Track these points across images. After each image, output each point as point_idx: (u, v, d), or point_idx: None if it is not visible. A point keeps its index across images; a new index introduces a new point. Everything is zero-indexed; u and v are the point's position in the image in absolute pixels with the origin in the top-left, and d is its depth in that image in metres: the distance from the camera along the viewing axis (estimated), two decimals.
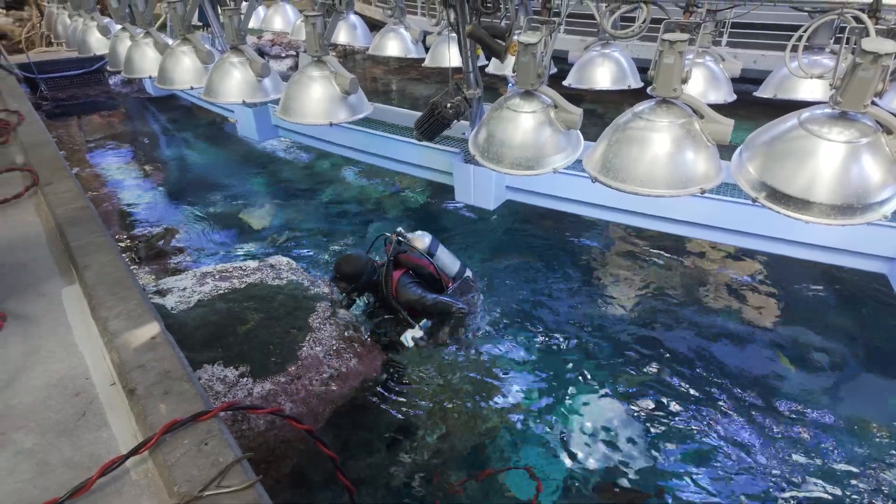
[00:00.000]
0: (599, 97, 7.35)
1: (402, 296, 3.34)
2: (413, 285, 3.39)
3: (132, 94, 9.41)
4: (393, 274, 3.38)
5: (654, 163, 2.13)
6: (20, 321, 2.15)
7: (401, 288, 3.34)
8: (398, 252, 3.46)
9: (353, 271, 3.31)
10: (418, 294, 3.34)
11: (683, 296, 4.15)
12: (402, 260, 3.47)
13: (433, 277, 3.52)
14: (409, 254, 3.47)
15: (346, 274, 3.32)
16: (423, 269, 3.49)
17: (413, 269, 3.48)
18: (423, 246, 3.53)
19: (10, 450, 1.60)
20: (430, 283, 3.53)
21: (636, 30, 2.41)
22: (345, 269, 3.32)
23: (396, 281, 3.36)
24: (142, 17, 4.80)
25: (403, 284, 3.36)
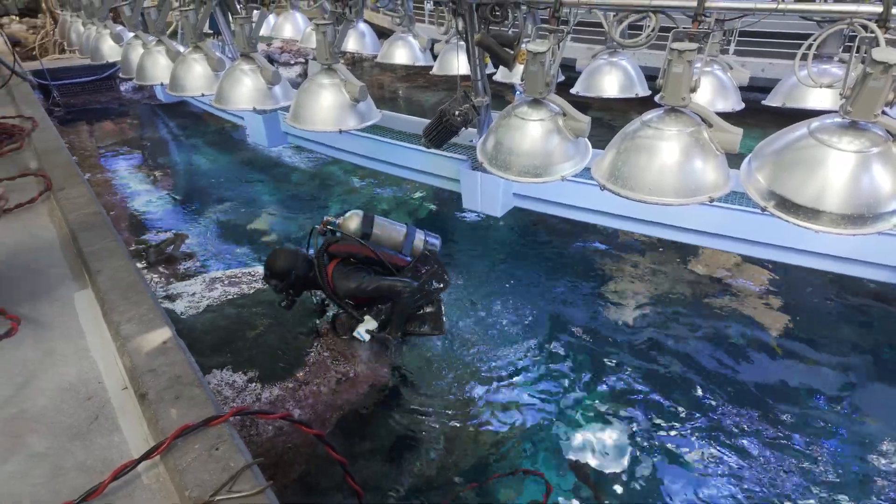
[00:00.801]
0: (607, 105, 7.35)
1: (341, 287, 3.08)
2: (350, 272, 3.12)
3: (143, 100, 9.52)
4: (328, 266, 3.15)
5: (663, 171, 2.14)
6: (34, 325, 2.18)
7: (337, 279, 3.09)
8: (329, 242, 3.19)
9: (283, 267, 3.08)
10: (356, 281, 3.07)
11: (691, 304, 4.13)
12: (332, 251, 3.20)
13: (374, 260, 3.21)
14: (339, 243, 3.21)
15: (275, 271, 3.09)
16: (360, 255, 3.19)
17: (348, 257, 3.20)
18: (355, 227, 3.24)
19: (23, 453, 1.62)
20: (375, 265, 3.24)
21: (644, 39, 2.42)
22: (273, 266, 3.10)
23: (331, 273, 3.12)
24: (154, 25, 4.86)
25: (339, 274, 3.10)
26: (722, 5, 2.25)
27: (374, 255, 3.16)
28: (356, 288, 3.05)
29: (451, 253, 4.83)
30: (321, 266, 3.11)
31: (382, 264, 3.19)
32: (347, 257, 3.17)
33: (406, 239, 3.36)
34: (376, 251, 3.17)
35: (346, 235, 3.19)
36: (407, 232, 3.37)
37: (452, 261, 4.70)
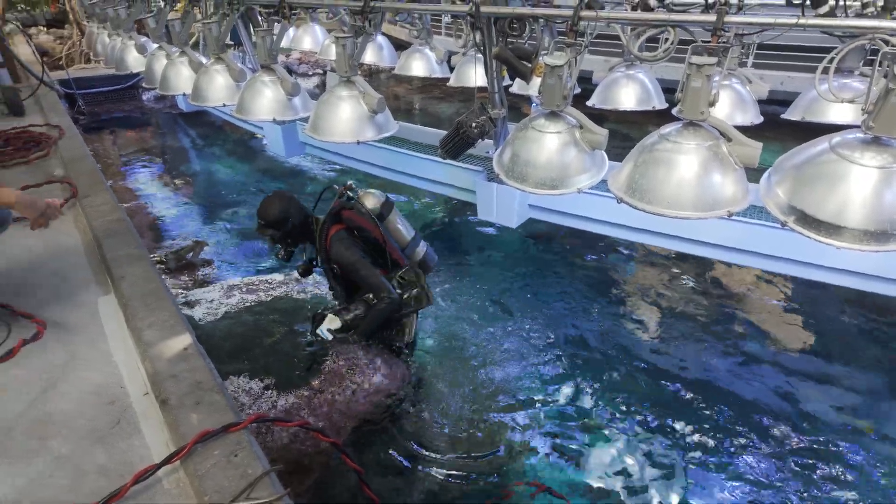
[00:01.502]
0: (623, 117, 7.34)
1: (336, 252, 2.87)
2: (353, 244, 2.93)
3: (164, 109, 9.72)
4: (331, 227, 2.96)
5: (681, 184, 2.13)
6: (59, 330, 2.23)
7: (336, 243, 2.88)
8: (343, 206, 3.00)
9: (278, 214, 2.83)
10: (355, 255, 2.88)
11: (708, 319, 4.09)
12: (344, 216, 3.01)
13: (377, 245, 3.05)
14: (354, 210, 3.02)
15: (270, 219, 2.82)
16: (367, 232, 3.01)
17: (355, 229, 3.02)
18: (373, 205, 3.08)
19: (47, 456, 1.66)
20: (374, 253, 3.08)
21: (663, 53, 2.42)
22: (267, 214, 2.83)
23: (332, 235, 2.92)
24: (178, 36, 4.97)
25: (341, 240, 2.90)
26: (741, 20, 2.25)
27: (381, 239, 3.01)
28: (351, 261, 2.85)
29: (465, 263, 4.85)
30: (327, 225, 2.94)
31: (383, 254, 3.05)
32: (353, 230, 3.02)
33: (410, 242, 3.28)
34: (385, 237, 3.03)
35: (363, 208, 3.03)
36: (414, 237, 3.32)
37: (466, 271, 4.72)
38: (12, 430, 1.74)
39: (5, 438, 1.71)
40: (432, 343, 3.76)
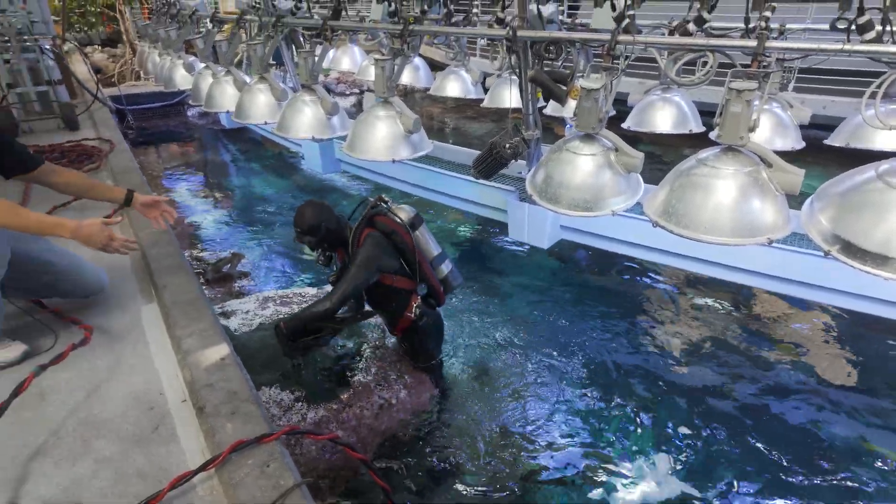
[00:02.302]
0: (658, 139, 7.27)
1: (363, 251, 2.89)
2: (381, 249, 2.94)
3: (207, 125, 10.10)
4: (364, 230, 3.00)
5: (719, 210, 2.10)
6: (105, 335, 2.32)
7: (367, 239, 2.94)
8: (378, 212, 3.07)
9: (313, 221, 2.89)
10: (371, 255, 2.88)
11: (746, 348, 3.97)
12: (376, 221, 3.06)
13: (407, 251, 3.07)
14: (387, 216, 3.06)
15: (305, 227, 2.89)
16: (398, 237, 3.04)
17: (388, 233, 3.04)
18: (406, 216, 3.13)
19: (91, 457, 1.72)
20: (403, 260, 3.09)
21: (702, 77, 2.41)
22: (301, 221, 2.90)
23: (364, 236, 2.96)
24: (224, 56, 5.19)
25: (372, 237, 2.94)
26: (784, 45, 2.23)
27: (410, 245, 3.05)
28: (361, 255, 2.86)
29: (495, 283, 4.84)
30: (360, 228, 2.99)
31: (410, 263, 3.07)
32: (386, 234, 3.05)
33: (436, 258, 3.28)
34: (416, 244, 3.06)
35: (396, 216, 3.07)
36: (440, 253, 3.32)
37: (496, 291, 4.71)
38: (60, 431, 1.82)
39: (54, 439, 1.78)
40: (459, 362, 3.75)
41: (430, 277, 3.17)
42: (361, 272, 2.82)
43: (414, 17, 3.70)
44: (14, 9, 5.32)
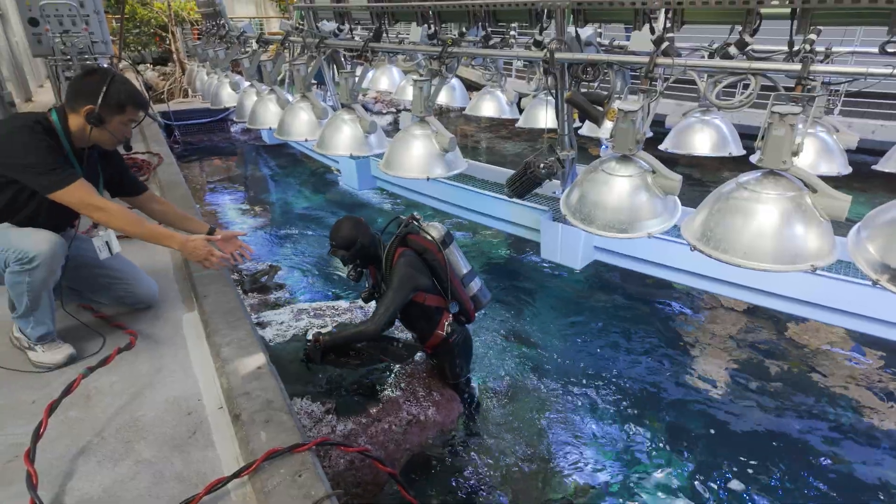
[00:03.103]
0: (696, 161, 7.17)
1: (397, 267, 2.92)
2: (416, 268, 2.95)
3: (249, 141, 10.46)
4: (397, 249, 3.02)
5: (760, 235, 2.06)
6: (148, 341, 2.41)
7: (401, 259, 2.95)
8: (410, 231, 3.09)
9: (348, 236, 2.92)
10: (407, 276, 2.89)
11: (787, 380, 3.82)
12: (409, 240, 3.07)
13: (439, 269, 3.07)
14: (419, 235, 3.08)
15: (340, 241, 2.93)
16: (431, 255, 3.04)
17: (420, 252, 3.05)
18: (437, 235, 3.14)
19: (132, 458, 1.78)
20: (434, 278, 3.09)
21: (745, 100, 2.38)
22: (336, 235, 2.95)
23: (398, 255, 2.98)
24: (268, 75, 5.40)
25: (405, 256, 2.95)
26: (830, 70, 2.19)
27: (442, 262, 3.06)
28: (398, 277, 2.88)
29: (526, 303, 4.81)
30: (393, 247, 3.02)
31: (442, 281, 3.09)
32: (418, 253, 3.07)
33: (466, 276, 3.28)
34: (447, 262, 3.07)
35: (427, 234, 3.10)
36: (469, 271, 3.32)
37: (527, 311, 4.68)
38: (103, 431, 1.90)
39: (98, 439, 1.86)
40: (488, 381, 3.73)
41: (461, 295, 3.19)
42: (399, 293, 2.86)
43: (452, 39, 3.79)
44: (77, 30, 5.66)
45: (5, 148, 2.00)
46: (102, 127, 2.14)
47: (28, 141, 2.00)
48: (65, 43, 5.47)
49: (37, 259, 2.03)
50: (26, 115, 2.15)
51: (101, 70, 2.20)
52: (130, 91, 2.18)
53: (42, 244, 2.05)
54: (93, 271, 2.45)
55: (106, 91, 2.09)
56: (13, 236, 2.07)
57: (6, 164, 2.01)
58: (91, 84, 2.11)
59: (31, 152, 2.00)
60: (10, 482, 1.68)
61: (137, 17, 14.61)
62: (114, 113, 2.14)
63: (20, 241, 2.04)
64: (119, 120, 2.17)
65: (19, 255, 2.02)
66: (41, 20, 5.44)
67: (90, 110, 2.10)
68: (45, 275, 2.08)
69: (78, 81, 2.17)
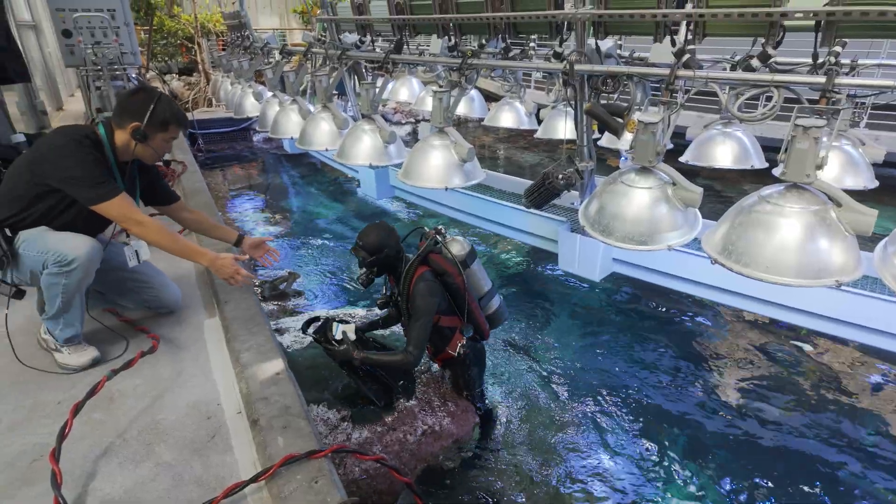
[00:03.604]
0: (717, 173, 7.09)
1: (417, 291, 2.86)
2: (435, 293, 2.89)
3: (271, 150, 10.63)
4: (418, 268, 2.95)
5: (783, 249, 2.03)
6: (170, 345, 2.46)
7: (420, 282, 2.88)
8: (432, 250, 3.03)
9: (377, 242, 2.89)
10: (428, 306, 2.83)
11: (809, 397, 3.73)
12: (430, 259, 3.01)
13: (458, 292, 3.02)
14: (441, 255, 3.03)
15: (367, 243, 2.90)
16: (450, 278, 2.99)
17: (439, 273, 3.00)
18: (458, 252, 3.06)
19: (153, 460, 1.81)
20: (452, 300, 3.04)
21: (767, 112, 2.35)
22: (366, 237, 2.92)
23: (418, 275, 2.91)
24: (291, 86, 5.49)
25: (425, 280, 2.89)
26: (855, 82, 2.16)
27: (462, 288, 2.99)
28: (420, 306, 2.83)
29: (543, 314, 4.79)
30: (414, 265, 2.96)
31: (461, 305, 3.03)
32: (438, 274, 3.01)
33: (487, 294, 3.24)
34: (466, 286, 3.01)
35: (449, 253, 3.03)
36: (490, 289, 3.27)
37: (543, 323, 4.65)
38: (125, 433, 1.93)
39: (120, 441, 1.89)
40: (503, 392, 3.71)
41: (477, 317, 3.15)
42: (425, 322, 2.84)
43: (472, 51, 3.82)
44: (108, 41, 5.84)
45: (55, 160, 2.11)
46: (146, 143, 2.26)
47: (77, 154, 2.11)
48: (96, 54, 5.65)
49: (75, 262, 2.11)
50: (75, 128, 2.26)
51: (148, 89, 2.33)
52: (174, 111, 2.31)
53: (81, 248, 2.14)
54: (121, 275, 2.52)
55: (153, 110, 2.22)
56: (52, 239, 2.15)
57: (55, 175, 2.11)
58: (138, 103, 2.23)
59: (80, 165, 2.11)
60: (35, 481, 1.72)
61: (165, 29, 15.01)
62: (157, 130, 2.27)
63: (60, 245, 2.13)
64: (162, 137, 2.30)
65: (58, 258, 2.09)
66: (74, 32, 5.63)
67: (136, 127, 2.22)
68: (81, 277, 2.16)
69: (126, 99, 2.29)
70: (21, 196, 2.15)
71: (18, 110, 7.34)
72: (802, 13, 2.22)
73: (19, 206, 2.15)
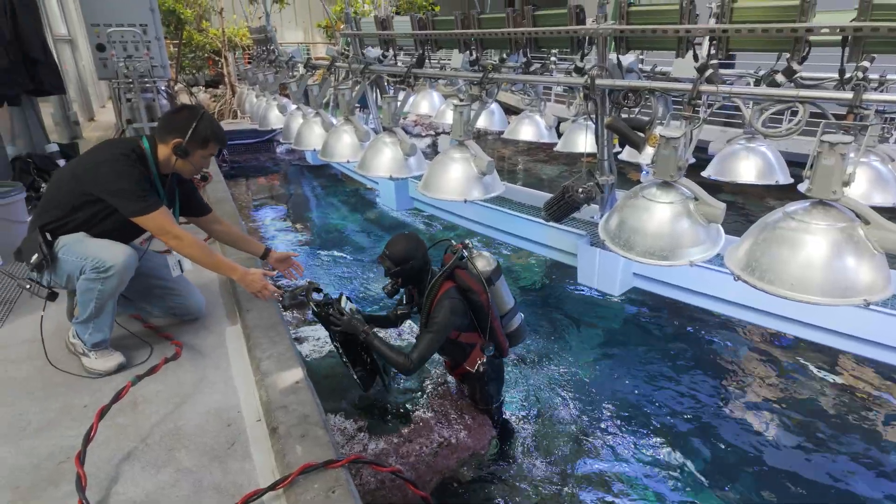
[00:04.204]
0: (741, 189, 7.00)
1: (440, 305, 2.83)
2: (458, 311, 2.85)
3: (293, 161, 10.80)
4: (444, 283, 2.90)
5: (808, 267, 1.99)
6: (193, 352, 2.50)
7: (445, 298, 2.84)
8: (459, 265, 2.97)
9: (404, 253, 2.86)
10: (447, 321, 2.79)
11: (837, 419, 3.62)
12: (457, 275, 2.95)
13: (482, 310, 2.97)
14: (467, 272, 2.97)
15: (394, 253, 2.86)
16: (475, 295, 2.93)
17: (464, 289, 2.94)
18: (483, 267, 2.99)
19: (174, 466, 1.84)
20: (475, 316, 3.00)
21: (793, 128, 2.32)
22: (394, 247, 2.88)
23: (444, 290, 2.87)
24: (315, 99, 5.60)
25: (450, 296, 2.84)
26: (884, 98, 2.12)
27: (486, 306, 2.94)
28: (438, 319, 2.79)
29: (561, 329, 4.75)
30: (440, 280, 2.90)
31: (483, 323, 2.98)
32: (463, 290, 2.95)
33: (509, 311, 3.19)
34: (490, 304, 2.95)
35: (475, 269, 2.98)
36: (513, 307, 3.22)
37: (562, 337, 4.62)
38: (148, 438, 1.97)
39: (142, 446, 1.93)
40: (520, 407, 3.68)
41: (497, 336, 3.10)
42: (438, 337, 2.81)
43: (493, 65, 3.86)
44: (139, 55, 6.03)
45: (103, 172, 2.22)
46: (187, 159, 2.36)
47: (123, 168, 2.22)
48: (128, 67, 5.83)
49: (112, 269, 2.18)
50: (122, 142, 2.37)
51: (191, 108, 2.46)
52: (215, 128, 2.42)
53: (119, 256, 2.22)
54: (150, 282, 2.59)
55: (195, 128, 2.33)
56: (91, 246, 2.24)
57: (101, 186, 2.21)
58: (182, 120, 2.35)
59: (125, 178, 2.21)
60: (60, 482, 1.76)
61: (194, 43, 15.42)
62: (198, 147, 2.37)
63: (98, 251, 2.21)
64: (201, 153, 2.41)
65: (96, 264, 2.17)
66: (108, 46, 5.82)
67: (178, 143, 2.32)
68: (116, 284, 2.24)
69: (170, 116, 2.41)
70: (64, 203, 2.25)
71: (53, 121, 7.61)
72: (829, 29, 2.20)
73: (61, 212, 2.25)
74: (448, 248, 3.08)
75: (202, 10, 15.07)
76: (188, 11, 14.28)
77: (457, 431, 3.18)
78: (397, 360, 2.74)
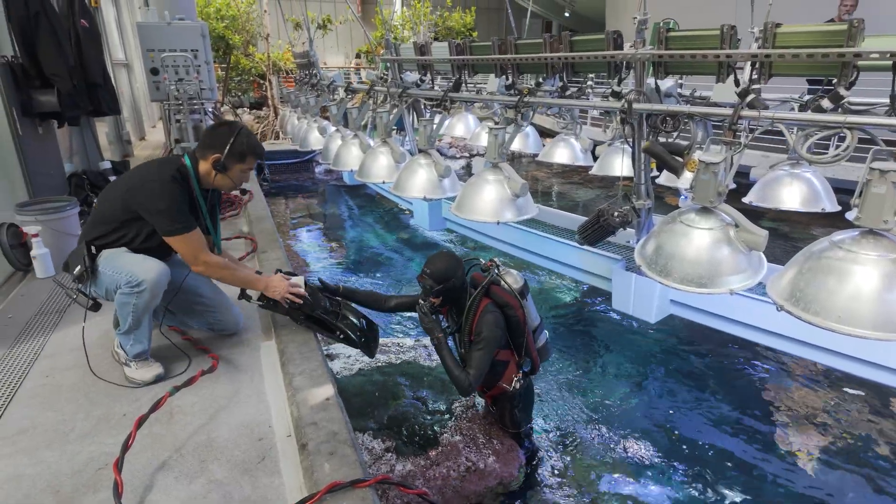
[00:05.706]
0: (784, 216, 6.76)
1: (484, 321, 2.82)
2: (501, 326, 2.86)
3: (331, 181, 11.06)
4: (482, 300, 2.90)
5: (857, 298, 1.91)
6: (228, 365, 2.56)
7: (487, 314, 2.83)
8: (492, 282, 2.96)
9: (445, 271, 2.82)
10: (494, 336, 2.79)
11: (882, 461, 3.40)
12: (492, 292, 2.96)
13: (517, 325, 2.96)
14: (501, 287, 2.98)
15: (435, 271, 2.82)
16: (511, 310, 2.93)
17: (501, 305, 2.93)
18: (516, 284, 2.99)
19: (206, 477, 1.87)
20: (509, 333, 2.98)
21: (841, 154, 2.25)
22: (434, 265, 2.85)
23: (484, 306, 2.87)
24: (353, 122, 5.75)
25: (492, 312, 2.84)
26: None
27: (522, 320, 2.94)
28: (486, 336, 2.78)
29: (595, 355, 4.65)
30: (478, 297, 2.91)
31: (518, 338, 2.97)
32: (500, 306, 2.95)
33: (538, 327, 3.17)
34: (526, 318, 2.96)
35: (507, 286, 2.99)
36: (540, 324, 3.20)
37: (595, 364, 4.52)
38: (182, 449, 2.01)
39: (177, 456, 1.97)
40: (550, 433, 3.60)
41: (532, 351, 3.09)
42: (489, 353, 2.81)
43: (529, 89, 3.89)
44: (190, 78, 6.33)
45: (145, 191, 2.33)
46: (225, 173, 2.45)
47: (167, 191, 2.32)
48: (178, 90, 6.12)
49: (144, 284, 2.27)
50: (167, 163, 2.46)
51: (229, 123, 2.53)
52: (252, 143, 2.50)
53: (151, 272, 2.31)
54: (191, 298, 2.68)
55: (232, 143, 2.41)
56: (127, 261, 2.34)
57: (144, 206, 2.32)
58: (220, 136, 2.43)
59: (165, 199, 2.31)
60: (99, 488, 1.81)
61: (241, 67, 16.10)
62: (236, 161, 2.45)
63: (132, 267, 2.31)
64: (239, 168, 2.48)
65: (129, 279, 2.26)
66: (161, 69, 6.14)
67: (217, 158, 2.41)
68: (149, 299, 2.31)
69: (209, 133, 2.50)
70: (110, 219, 2.37)
71: (107, 139, 8.03)
72: (878, 53, 2.14)
73: (108, 227, 2.37)
74: (477, 266, 3.08)
75: (249, 36, 15.74)
76: (237, 37, 14.95)
77: (485, 456, 3.14)
78: (459, 376, 2.74)
